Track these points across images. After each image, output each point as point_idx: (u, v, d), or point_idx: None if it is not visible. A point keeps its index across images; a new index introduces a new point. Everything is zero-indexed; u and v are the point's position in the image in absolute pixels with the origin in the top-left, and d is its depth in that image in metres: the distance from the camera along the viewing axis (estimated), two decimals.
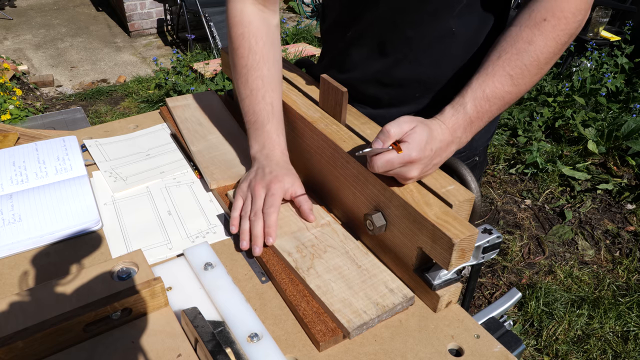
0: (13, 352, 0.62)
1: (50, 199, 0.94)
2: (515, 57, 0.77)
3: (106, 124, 1.23)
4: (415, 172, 0.73)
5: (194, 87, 3.49)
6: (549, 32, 0.76)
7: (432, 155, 0.74)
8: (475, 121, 0.79)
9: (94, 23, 5.46)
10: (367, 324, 0.72)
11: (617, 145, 3.04)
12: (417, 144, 0.72)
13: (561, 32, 0.76)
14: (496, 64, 0.78)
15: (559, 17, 0.75)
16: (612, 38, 3.83)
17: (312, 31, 5.01)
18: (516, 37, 0.77)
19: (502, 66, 0.77)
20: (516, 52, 0.77)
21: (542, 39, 0.76)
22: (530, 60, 0.77)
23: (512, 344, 0.79)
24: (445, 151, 0.77)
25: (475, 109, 0.78)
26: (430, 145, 0.73)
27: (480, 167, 1.09)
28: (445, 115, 0.79)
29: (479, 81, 0.78)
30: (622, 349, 1.96)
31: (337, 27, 1.04)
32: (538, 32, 0.76)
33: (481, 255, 0.76)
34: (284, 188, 0.88)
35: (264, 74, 0.95)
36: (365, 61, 0.99)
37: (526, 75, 0.78)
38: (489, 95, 0.78)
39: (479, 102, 0.78)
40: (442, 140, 0.76)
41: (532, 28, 0.76)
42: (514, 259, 2.41)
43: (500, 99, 0.78)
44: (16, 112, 3.36)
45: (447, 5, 0.87)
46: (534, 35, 0.76)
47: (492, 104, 0.78)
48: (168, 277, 0.79)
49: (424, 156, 0.73)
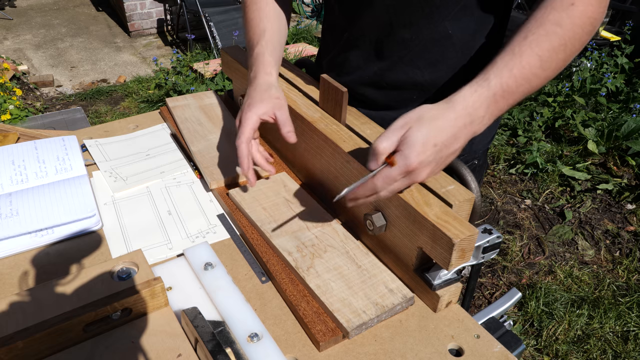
0: (13, 352, 0.62)
1: (50, 199, 0.94)
2: (544, 38, 0.71)
3: (106, 124, 1.23)
4: (424, 174, 0.69)
5: (194, 87, 3.49)
6: (577, 18, 0.72)
7: (438, 150, 0.68)
8: (500, 100, 0.71)
9: (94, 23, 5.46)
10: (366, 324, 0.72)
11: (617, 145, 3.04)
12: (414, 149, 0.67)
13: (587, 20, 0.73)
14: (523, 44, 0.72)
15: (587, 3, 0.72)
16: (612, 38, 3.83)
17: (312, 31, 5.01)
18: (543, 19, 0.73)
19: (529, 46, 0.71)
20: (544, 33, 0.72)
21: (570, 23, 0.72)
22: (559, 43, 0.72)
23: (512, 344, 0.79)
24: (462, 135, 0.70)
25: (500, 85, 0.71)
26: (434, 140, 0.68)
27: (479, 170, 1.08)
28: (464, 94, 0.71)
29: (505, 60, 0.72)
30: (622, 349, 1.96)
31: (335, 28, 1.04)
32: (566, 16, 0.72)
33: (481, 255, 0.76)
34: (256, 114, 0.88)
35: (261, 7, 0.98)
36: (362, 63, 0.99)
37: (554, 60, 0.72)
38: (516, 74, 0.71)
39: (505, 80, 0.71)
40: (451, 127, 0.69)
41: (560, 11, 0.72)
42: (514, 259, 2.41)
43: (527, 81, 0.72)
44: (16, 112, 3.36)
45: (443, 7, 0.87)
46: (562, 19, 0.72)
47: (519, 85, 0.71)
48: (168, 277, 0.79)
49: (426, 157, 0.68)
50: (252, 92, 0.91)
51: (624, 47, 3.82)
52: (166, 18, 5.25)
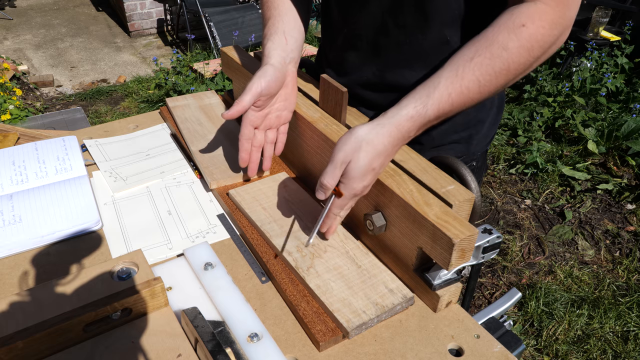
0: (13, 352, 0.62)
1: (50, 199, 0.94)
2: (488, 61, 0.74)
3: (106, 124, 1.23)
4: (367, 190, 0.78)
5: (194, 87, 3.49)
6: (524, 40, 0.73)
7: (377, 172, 0.76)
8: (433, 121, 0.77)
9: (94, 23, 5.46)
10: (366, 324, 0.72)
11: (617, 145, 3.04)
12: (355, 180, 0.75)
13: (536, 44, 0.73)
14: (467, 66, 0.75)
15: (538, 25, 0.72)
16: (612, 38, 3.83)
17: (312, 31, 5.01)
18: (492, 39, 0.75)
19: (472, 70, 0.74)
20: (490, 56, 0.74)
21: (517, 46, 0.73)
22: (501, 67, 0.74)
23: (512, 344, 0.79)
24: (393, 153, 0.78)
25: (437, 111, 0.76)
26: (371, 166, 0.74)
27: (478, 172, 1.08)
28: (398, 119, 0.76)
29: (448, 81, 0.75)
30: (622, 349, 1.96)
31: (333, 28, 1.04)
32: (515, 37, 0.73)
33: (481, 255, 0.76)
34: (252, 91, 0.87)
35: None
36: (360, 64, 0.99)
37: (492, 83, 0.75)
38: (454, 99, 0.75)
39: (442, 106, 0.75)
40: (386, 149, 0.75)
41: (510, 32, 0.73)
42: (514, 259, 2.41)
43: (462, 105, 0.77)
44: (16, 112, 3.36)
45: (440, 13, 0.87)
46: (510, 41, 0.73)
47: (454, 108, 0.77)
48: (168, 277, 0.79)
49: (368, 181, 0.76)
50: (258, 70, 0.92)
51: (624, 47, 3.82)
52: (166, 18, 5.26)
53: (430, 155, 0.88)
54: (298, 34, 0.97)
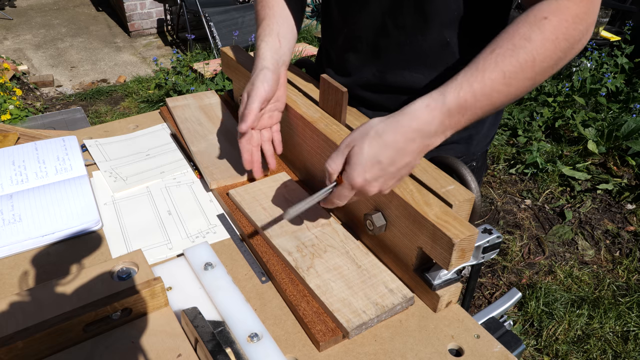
0: (13, 352, 0.62)
1: (50, 199, 0.94)
2: (510, 52, 0.69)
3: (106, 124, 1.23)
4: (373, 189, 0.71)
5: (194, 87, 3.49)
6: (548, 32, 0.70)
7: (384, 166, 0.70)
8: (455, 115, 0.70)
9: (94, 23, 5.46)
10: (366, 324, 0.72)
11: (617, 145, 3.04)
12: (355, 169, 0.70)
13: (561, 35, 0.69)
14: (488, 59, 0.70)
15: (561, 18, 0.70)
16: (612, 38, 3.83)
17: (312, 31, 5.01)
18: (513, 32, 0.71)
19: (494, 61, 0.70)
20: (512, 47, 0.69)
21: (541, 38, 0.69)
22: (526, 58, 0.69)
23: (512, 344, 0.79)
24: (410, 151, 0.71)
25: (456, 101, 0.69)
26: (377, 157, 0.69)
27: (478, 172, 1.08)
28: (414, 108, 0.71)
29: (467, 75, 0.70)
30: (622, 349, 1.96)
31: (333, 28, 1.04)
32: (537, 30, 0.69)
33: (481, 255, 0.76)
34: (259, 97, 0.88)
35: None
36: (361, 65, 0.99)
37: (520, 76, 0.70)
38: (476, 89, 0.69)
39: (462, 95, 0.69)
40: (397, 142, 0.69)
41: (532, 25, 0.70)
42: (514, 259, 2.41)
43: (487, 97, 0.70)
44: (16, 112, 3.36)
45: (439, 15, 0.86)
46: (533, 32, 0.69)
47: (478, 100, 0.70)
48: (168, 277, 0.79)
49: (371, 175, 0.70)
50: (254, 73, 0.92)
51: (624, 47, 3.82)
52: (166, 18, 5.25)
53: (430, 155, 0.88)
54: (291, 36, 0.98)
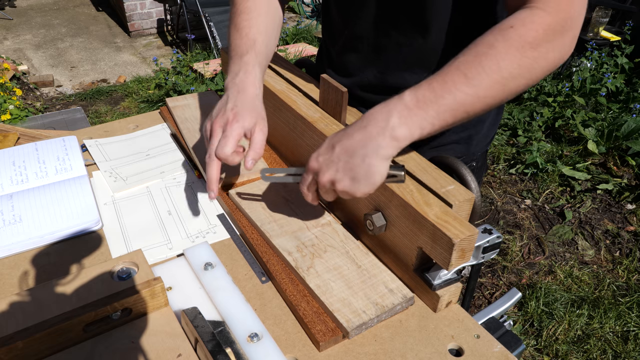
0: (13, 352, 0.62)
1: (50, 199, 0.94)
2: (473, 58, 0.69)
3: (106, 124, 1.23)
4: (326, 176, 0.73)
5: (194, 87, 3.49)
6: (513, 40, 0.68)
7: (339, 152, 0.72)
8: (414, 109, 0.70)
9: (94, 23, 5.46)
10: (366, 324, 0.72)
11: (617, 145, 3.04)
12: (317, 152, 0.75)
13: (527, 45, 0.68)
14: (450, 65, 0.71)
15: (530, 27, 0.69)
16: (612, 38, 3.83)
17: (312, 31, 5.01)
18: (478, 41, 0.71)
19: (456, 66, 0.70)
20: (475, 54, 0.70)
21: (504, 46, 0.69)
22: (490, 64, 0.68)
23: (512, 344, 0.79)
24: (369, 143, 0.70)
25: (414, 96, 0.70)
26: (333, 142, 0.73)
27: (478, 172, 1.08)
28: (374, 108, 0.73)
29: (427, 79, 0.71)
30: (622, 349, 1.96)
31: (333, 29, 1.04)
32: (501, 38, 0.69)
33: (481, 255, 0.76)
34: (243, 127, 0.82)
35: (252, 17, 0.93)
36: (361, 66, 0.99)
37: (484, 79, 0.69)
38: (435, 87, 0.69)
39: (421, 92, 0.70)
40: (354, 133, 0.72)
41: (496, 33, 0.70)
42: (514, 259, 2.41)
43: (450, 95, 0.69)
44: (16, 112, 3.36)
45: (439, 17, 0.86)
46: (497, 40, 0.69)
47: (439, 97, 0.69)
48: (168, 277, 0.79)
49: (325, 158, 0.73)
50: (239, 99, 0.85)
51: (624, 47, 3.82)
52: (166, 18, 5.25)
53: (430, 155, 0.88)
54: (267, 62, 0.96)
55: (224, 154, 0.81)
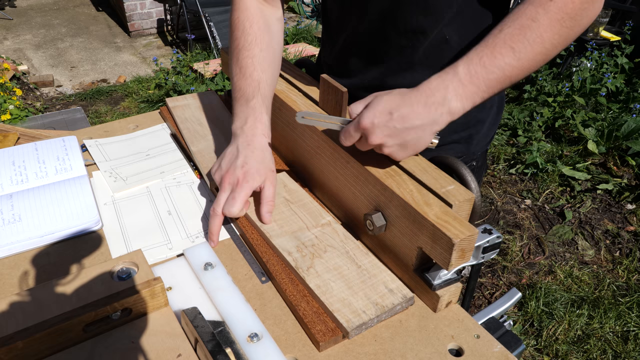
0: (13, 352, 0.62)
1: (50, 199, 0.94)
2: (518, 31, 0.73)
3: (106, 124, 1.23)
4: (375, 137, 0.73)
5: (194, 87, 3.49)
6: (554, 13, 0.72)
7: (393, 118, 0.72)
8: (467, 84, 0.73)
9: (94, 23, 5.46)
10: (366, 324, 0.72)
11: (617, 145, 3.04)
12: (370, 111, 0.73)
13: (566, 16, 0.72)
14: (497, 37, 0.74)
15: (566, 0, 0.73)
16: (612, 38, 3.83)
17: (312, 31, 5.01)
18: (519, 13, 0.74)
19: (503, 39, 0.73)
20: (519, 26, 0.73)
21: (547, 18, 0.72)
22: (534, 36, 0.73)
23: (512, 344, 0.79)
24: (424, 114, 0.73)
25: (467, 71, 0.73)
26: (390, 108, 0.72)
27: (478, 171, 1.08)
28: (429, 79, 0.75)
29: (477, 51, 0.74)
30: (622, 349, 1.96)
31: (333, 30, 1.04)
32: (542, 11, 0.72)
33: (481, 255, 0.76)
34: (251, 188, 0.85)
35: (255, 54, 0.94)
36: (362, 67, 0.99)
37: (529, 51, 0.73)
38: (486, 62, 0.73)
39: (473, 67, 0.73)
40: (412, 102, 0.73)
41: (537, 6, 0.73)
42: (514, 259, 2.41)
43: (499, 69, 0.74)
44: (16, 112, 3.36)
45: (437, 13, 0.87)
46: (538, 14, 0.73)
47: (490, 72, 0.73)
48: (168, 277, 0.79)
49: (379, 121, 0.73)
50: (249, 153, 0.87)
51: (624, 47, 3.82)
52: (166, 18, 5.25)
53: (430, 155, 0.88)
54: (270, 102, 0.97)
55: (230, 214, 0.85)
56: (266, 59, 0.95)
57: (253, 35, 0.94)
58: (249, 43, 0.94)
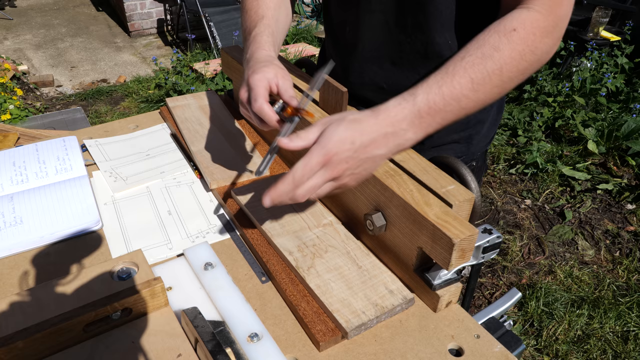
0: (13, 352, 0.62)
1: (50, 199, 0.94)
2: (479, 60, 0.72)
3: (106, 124, 1.23)
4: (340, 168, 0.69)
5: (194, 87, 3.49)
6: (516, 44, 0.72)
7: (356, 149, 0.69)
8: (425, 117, 0.71)
9: (94, 23, 5.46)
10: (365, 324, 0.72)
11: (617, 145, 3.04)
12: (330, 140, 0.68)
13: (527, 49, 0.72)
14: (458, 65, 0.73)
15: (529, 31, 0.72)
16: (612, 38, 3.83)
17: (312, 31, 5.01)
18: (483, 41, 0.73)
19: (464, 67, 0.72)
20: (481, 55, 0.72)
21: (509, 49, 0.72)
22: (494, 67, 0.72)
23: (512, 344, 0.79)
24: (382, 144, 0.71)
25: (426, 102, 0.71)
26: (352, 138, 0.68)
27: (478, 172, 1.08)
28: (387, 105, 0.72)
29: (437, 78, 0.72)
30: (622, 349, 1.96)
31: (334, 30, 1.04)
32: (506, 41, 0.72)
33: (481, 255, 0.76)
34: (265, 78, 0.80)
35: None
36: (362, 67, 0.99)
37: (487, 83, 0.72)
38: (445, 92, 0.71)
39: (432, 97, 0.71)
40: (372, 131, 0.70)
41: (501, 35, 0.73)
42: (514, 259, 2.41)
43: (456, 101, 0.72)
44: (16, 112, 3.36)
45: (438, 18, 0.87)
46: (501, 43, 0.72)
47: (447, 104, 0.72)
48: (168, 277, 0.79)
49: (343, 151, 0.68)
50: (253, 63, 0.84)
51: (624, 47, 3.82)
52: (166, 18, 5.25)
53: (430, 155, 0.88)
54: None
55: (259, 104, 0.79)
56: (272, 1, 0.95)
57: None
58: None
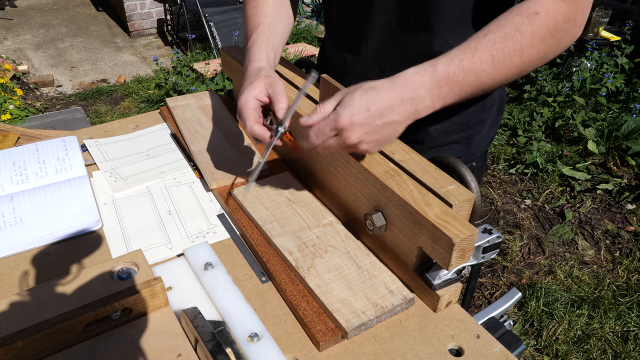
0: (13, 352, 0.62)
1: (50, 199, 0.94)
2: (501, 39, 0.73)
3: (106, 124, 1.23)
4: (354, 136, 0.71)
5: (194, 87, 3.49)
6: (537, 27, 0.73)
7: (372, 115, 0.70)
8: (443, 86, 0.73)
9: (94, 23, 5.46)
10: (365, 324, 0.72)
11: (617, 145, 3.04)
12: (346, 108, 0.70)
13: (548, 33, 0.73)
14: (480, 41, 0.74)
15: (551, 16, 0.73)
16: (612, 38, 3.83)
17: (312, 31, 5.01)
18: (506, 21, 0.74)
19: (486, 44, 0.73)
20: (503, 35, 0.73)
21: (530, 31, 0.73)
22: (515, 47, 0.73)
23: (512, 344, 0.79)
24: (399, 110, 0.72)
25: (446, 72, 0.72)
26: (367, 104, 0.70)
27: (478, 172, 1.08)
28: (406, 74, 0.73)
29: (459, 52, 0.74)
30: (622, 349, 1.96)
31: (335, 29, 1.04)
32: (528, 23, 0.73)
33: (481, 255, 0.76)
34: (252, 96, 0.81)
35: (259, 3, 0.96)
36: (363, 66, 0.99)
37: (507, 62, 0.74)
38: (465, 66, 0.73)
39: (452, 69, 0.73)
40: (389, 97, 0.71)
41: (524, 17, 0.73)
42: (514, 259, 2.41)
43: (475, 75, 0.73)
44: (16, 112, 3.36)
45: (440, 18, 0.87)
46: (524, 25, 0.73)
47: (467, 76, 0.73)
48: (168, 277, 0.79)
49: (358, 119, 0.70)
50: (244, 80, 0.87)
51: (624, 47, 3.82)
52: (166, 18, 5.25)
53: (430, 155, 0.88)
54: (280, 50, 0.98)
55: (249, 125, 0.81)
56: (270, 6, 0.96)
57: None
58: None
